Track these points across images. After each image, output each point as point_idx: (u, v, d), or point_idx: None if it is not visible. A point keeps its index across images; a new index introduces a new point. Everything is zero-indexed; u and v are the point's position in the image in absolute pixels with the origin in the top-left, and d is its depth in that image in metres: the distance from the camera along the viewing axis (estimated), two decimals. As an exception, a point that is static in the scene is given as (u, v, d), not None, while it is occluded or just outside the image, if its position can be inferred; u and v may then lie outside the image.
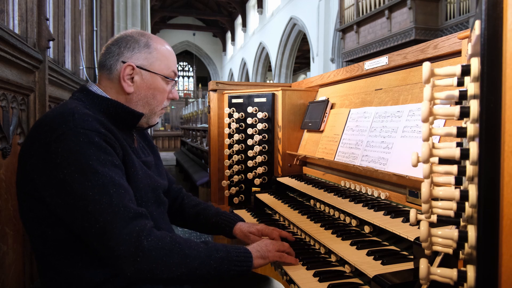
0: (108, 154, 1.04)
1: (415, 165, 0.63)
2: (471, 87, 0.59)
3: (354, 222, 1.44)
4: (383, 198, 1.48)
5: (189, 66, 31.81)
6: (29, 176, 1.05)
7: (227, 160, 2.38)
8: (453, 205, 0.62)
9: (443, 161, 0.62)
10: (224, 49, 28.84)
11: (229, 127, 2.41)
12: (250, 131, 2.33)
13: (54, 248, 1.07)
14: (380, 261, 1.11)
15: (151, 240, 0.98)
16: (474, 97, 0.55)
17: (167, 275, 0.99)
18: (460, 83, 0.63)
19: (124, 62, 1.20)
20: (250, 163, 2.30)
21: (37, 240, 1.09)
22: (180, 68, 32.25)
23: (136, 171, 1.15)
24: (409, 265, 1.08)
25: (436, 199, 0.62)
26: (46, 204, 1.04)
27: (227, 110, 2.41)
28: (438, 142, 0.98)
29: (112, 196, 0.98)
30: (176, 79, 1.32)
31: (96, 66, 4.58)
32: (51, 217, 1.05)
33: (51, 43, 2.37)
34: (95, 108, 1.16)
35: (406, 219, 1.22)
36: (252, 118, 2.31)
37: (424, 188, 0.61)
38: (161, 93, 1.26)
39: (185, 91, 31.13)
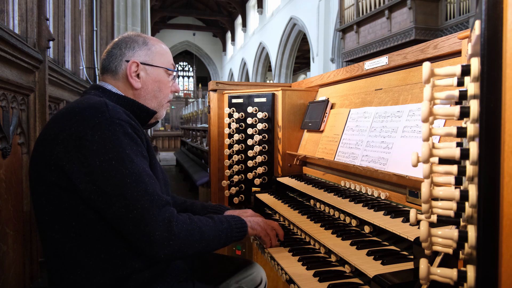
0: (139, 146, 1.11)
1: (415, 165, 0.63)
2: (471, 87, 0.59)
3: (354, 222, 1.44)
4: (383, 198, 1.48)
5: (189, 66, 31.81)
6: (56, 164, 1.04)
7: (227, 160, 2.38)
8: (453, 205, 0.62)
9: (443, 161, 0.62)
10: (224, 49, 28.84)
11: (229, 127, 2.41)
12: (250, 131, 2.33)
13: (77, 240, 1.07)
14: (380, 261, 1.11)
15: (178, 224, 1.09)
16: (474, 97, 0.55)
17: (192, 251, 1.12)
18: (460, 83, 0.63)
19: (127, 61, 1.28)
20: (250, 163, 2.30)
21: (57, 233, 1.08)
22: (180, 68, 32.25)
23: (155, 163, 1.21)
24: (409, 265, 1.08)
25: (436, 199, 0.62)
26: (76, 191, 1.04)
27: (227, 110, 2.41)
28: (438, 142, 0.98)
29: (147, 184, 1.05)
30: (176, 71, 1.41)
31: (96, 66, 4.58)
32: (77, 207, 1.06)
33: (51, 43, 2.37)
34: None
35: (406, 219, 1.22)
36: (252, 118, 2.31)
37: (424, 188, 0.61)
38: (165, 85, 1.36)
39: (185, 91, 31.11)
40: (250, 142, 2.32)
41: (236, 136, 2.37)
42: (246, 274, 1.50)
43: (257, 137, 2.28)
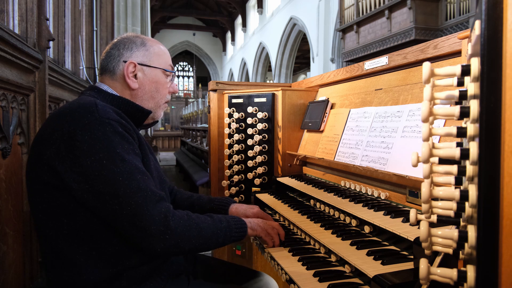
0: (130, 144, 1.11)
1: (415, 165, 0.63)
2: (471, 87, 0.59)
3: (354, 222, 1.44)
4: (383, 198, 1.48)
5: (189, 66, 31.81)
6: (48, 164, 1.06)
7: (227, 160, 2.38)
8: (453, 205, 0.62)
9: (443, 161, 0.62)
10: (224, 49, 28.84)
11: (229, 127, 2.40)
12: (250, 131, 2.33)
13: (69, 237, 1.09)
14: (380, 261, 1.11)
15: (175, 219, 1.10)
16: (474, 97, 0.55)
17: (188, 247, 1.13)
18: (460, 83, 0.63)
19: (125, 62, 1.29)
20: (250, 163, 2.30)
21: (50, 231, 1.10)
22: (180, 68, 32.25)
23: (149, 161, 1.22)
24: (409, 265, 1.08)
25: (436, 199, 0.62)
26: (69, 191, 1.06)
27: (227, 110, 2.41)
28: (438, 142, 0.98)
29: (139, 181, 1.07)
30: (174, 71, 1.42)
31: (96, 66, 4.58)
32: (68, 205, 1.07)
33: (51, 43, 2.37)
34: (108, 104, 1.22)
35: (406, 219, 1.22)
36: (252, 118, 2.31)
37: (424, 188, 0.61)
38: (162, 86, 1.37)
39: (185, 91, 31.11)
40: (250, 142, 2.32)
41: (236, 136, 2.37)
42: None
43: (257, 137, 2.28)
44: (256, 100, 2.33)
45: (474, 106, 0.52)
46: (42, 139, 1.10)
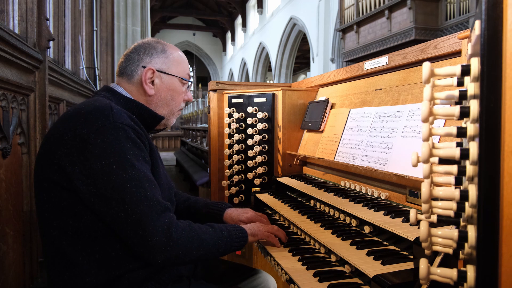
0: (141, 150, 1.11)
1: (415, 165, 0.63)
2: (471, 87, 0.59)
3: (354, 222, 1.44)
4: (383, 198, 1.48)
5: (189, 66, 31.79)
6: (58, 164, 1.06)
7: (227, 160, 2.38)
8: (453, 205, 0.62)
9: (443, 161, 0.62)
10: (224, 49, 28.84)
11: (229, 127, 2.40)
12: (250, 131, 2.33)
13: (73, 238, 1.09)
14: (380, 261, 1.11)
15: (177, 231, 1.10)
16: (474, 97, 0.55)
17: (189, 258, 1.13)
18: (460, 83, 0.63)
19: (144, 67, 1.29)
20: (250, 163, 2.30)
21: (55, 231, 1.10)
22: (180, 68, 32.21)
23: (158, 168, 1.21)
24: (409, 265, 1.08)
25: (436, 199, 0.62)
26: (76, 192, 1.06)
27: (227, 110, 2.41)
28: (438, 142, 0.98)
29: (146, 190, 1.06)
30: (191, 81, 1.42)
31: (96, 66, 4.58)
32: (75, 207, 1.07)
33: (51, 43, 2.37)
34: (121, 107, 1.21)
35: (406, 219, 1.22)
36: (252, 118, 2.31)
37: (424, 188, 0.61)
38: (178, 94, 1.37)
39: (185, 91, 31.06)
40: (250, 142, 2.32)
41: (236, 136, 2.37)
42: (252, 285, 1.48)
43: (257, 137, 2.28)
44: (256, 100, 2.33)
45: (474, 106, 0.52)
46: (54, 138, 1.10)
